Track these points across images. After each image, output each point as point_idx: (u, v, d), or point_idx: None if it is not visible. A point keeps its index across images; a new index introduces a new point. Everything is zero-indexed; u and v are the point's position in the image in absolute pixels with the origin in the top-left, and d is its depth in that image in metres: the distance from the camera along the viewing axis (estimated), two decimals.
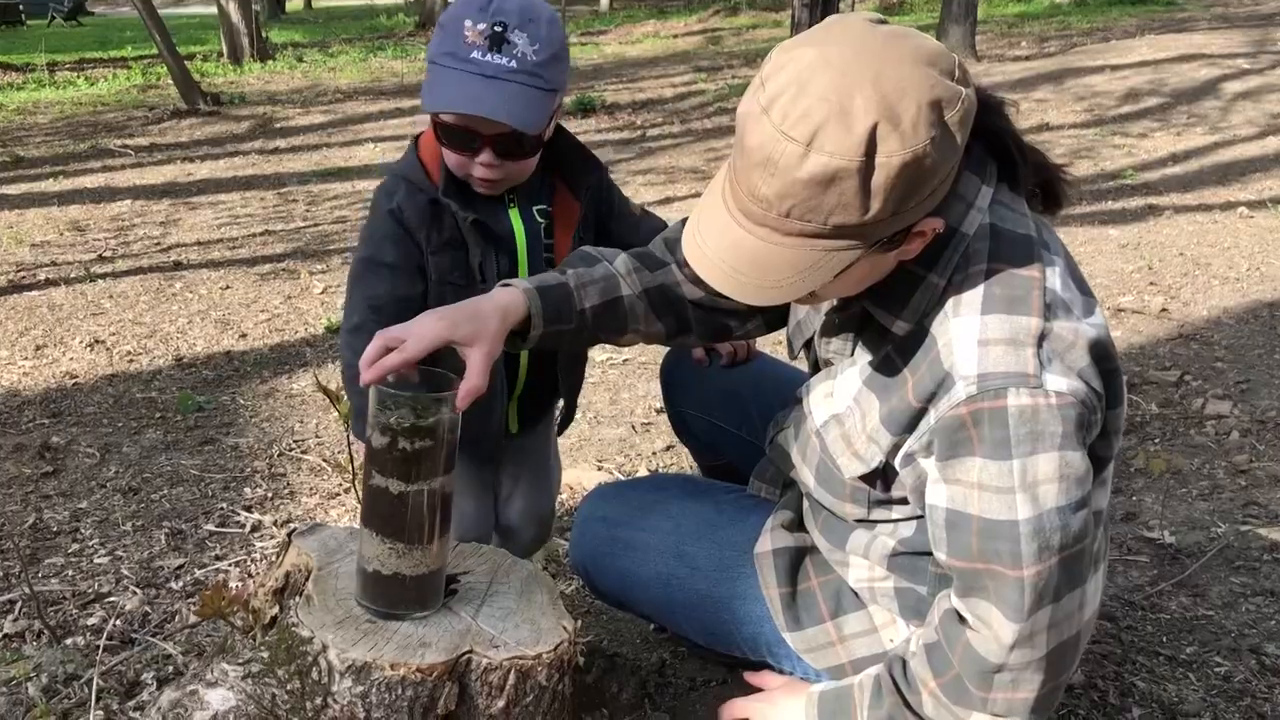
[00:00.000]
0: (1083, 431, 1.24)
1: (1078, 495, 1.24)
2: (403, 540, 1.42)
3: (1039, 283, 1.26)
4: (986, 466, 1.23)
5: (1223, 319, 4.14)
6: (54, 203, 7.32)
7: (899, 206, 1.16)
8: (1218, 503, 2.68)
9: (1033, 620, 1.26)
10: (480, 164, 1.73)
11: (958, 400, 1.24)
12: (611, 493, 1.77)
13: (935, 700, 1.35)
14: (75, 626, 2.22)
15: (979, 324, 1.25)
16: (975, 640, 1.30)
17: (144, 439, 3.39)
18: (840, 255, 1.19)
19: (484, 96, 1.63)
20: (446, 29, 1.69)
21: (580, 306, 1.57)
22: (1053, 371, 1.22)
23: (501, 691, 1.36)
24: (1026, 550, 1.23)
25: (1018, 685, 1.30)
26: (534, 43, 1.66)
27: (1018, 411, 1.21)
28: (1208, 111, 8.72)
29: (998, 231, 1.30)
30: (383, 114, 10.85)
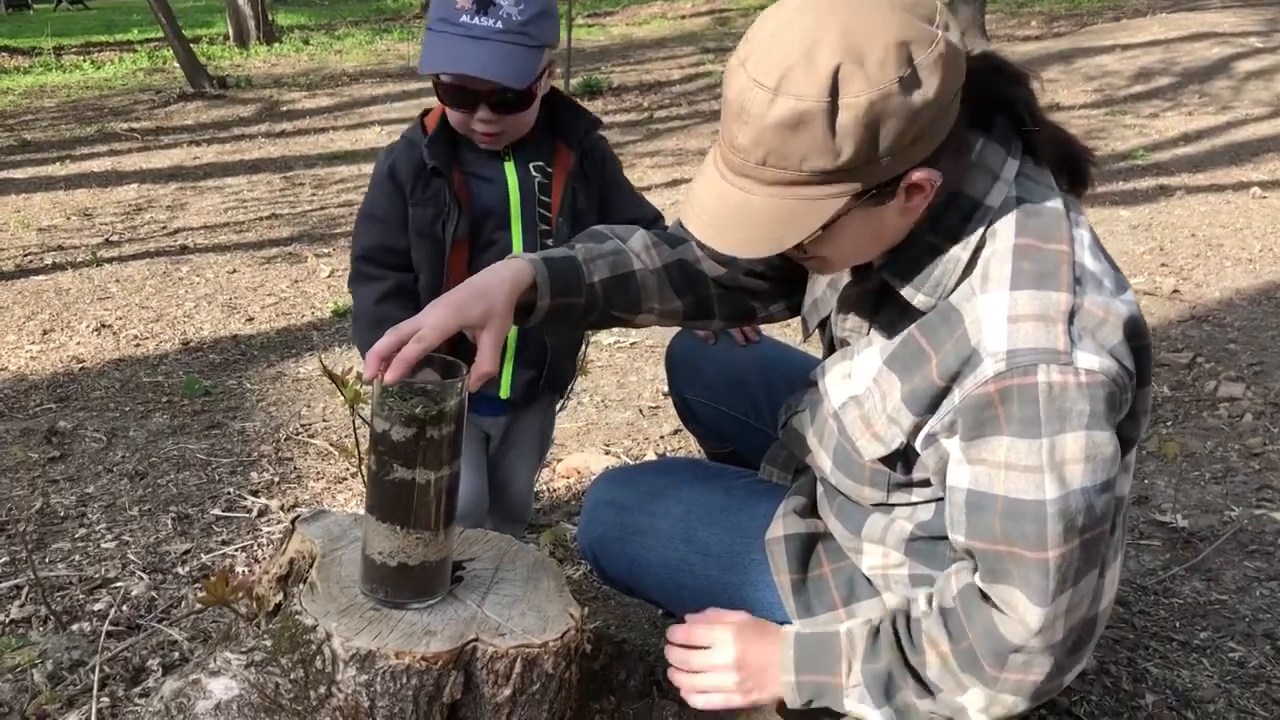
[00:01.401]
0: (1113, 411, 1.21)
1: (1104, 477, 1.22)
2: (408, 527, 1.40)
3: (1068, 257, 1.24)
4: (1015, 445, 1.21)
5: (1235, 300, 4.11)
6: (60, 187, 7.32)
7: (874, 150, 1.15)
8: (1231, 486, 2.66)
9: (1055, 604, 1.24)
10: (479, 120, 1.86)
11: (985, 377, 1.21)
12: (621, 477, 1.75)
13: (942, 664, 1.32)
14: (81, 612, 2.22)
15: (1008, 299, 1.22)
16: (1000, 621, 1.27)
17: (151, 423, 3.39)
18: (822, 204, 1.19)
19: (471, 56, 1.77)
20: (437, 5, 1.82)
21: (589, 280, 1.54)
22: (1084, 349, 1.19)
23: (508, 680, 1.35)
24: (1052, 531, 1.21)
25: (1029, 668, 1.28)
26: (519, 3, 1.78)
27: (1047, 388, 1.18)
28: (1219, 91, 8.65)
29: (1025, 204, 1.27)
30: (389, 97, 10.82)
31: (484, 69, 1.77)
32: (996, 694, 1.31)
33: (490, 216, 1.95)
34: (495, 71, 1.77)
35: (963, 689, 1.33)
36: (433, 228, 1.91)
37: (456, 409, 1.38)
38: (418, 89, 11.05)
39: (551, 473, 2.88)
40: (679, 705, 1.61)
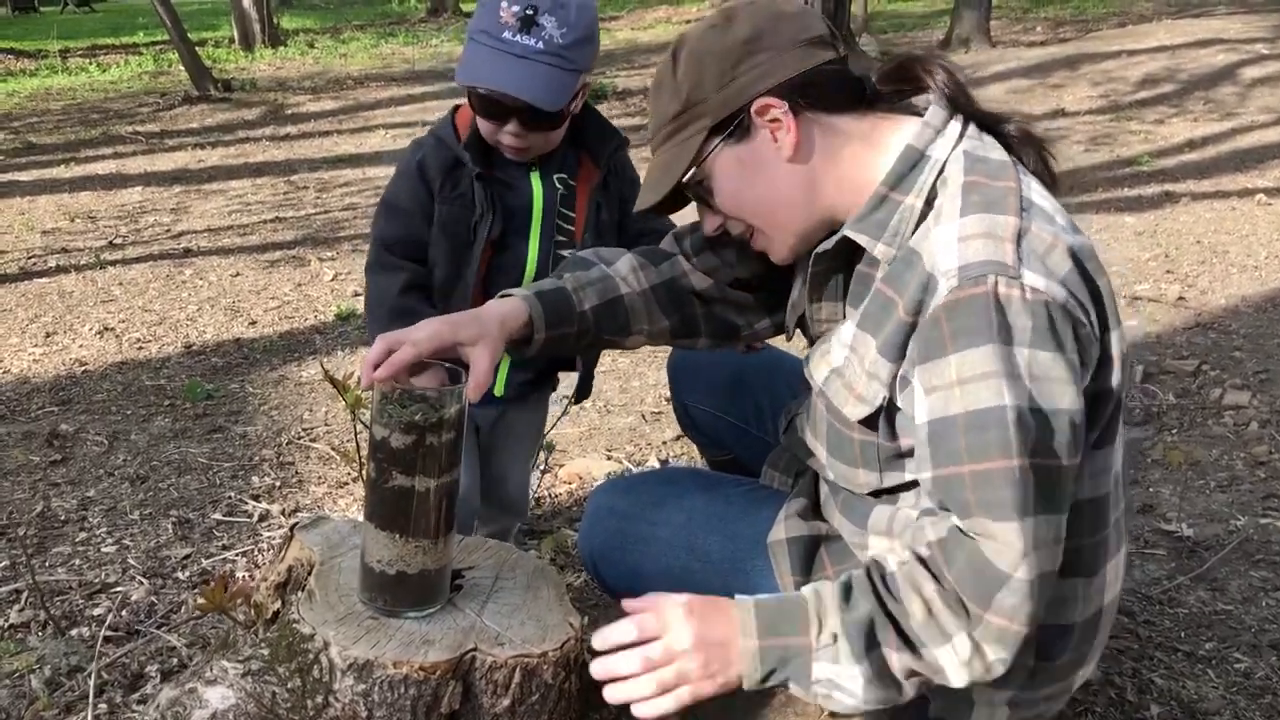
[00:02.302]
0: (1058, 336, 1.20)
1: (1058, 403, 1.19)
2: (407, 535, 1.39)
3: (1015, 190, 1.28)
4: (965, 358, 1.20)
5: (1241, 307, 4.09)
6: (65, 189, 7.33)
7: (704, 83, 1.36)
8: (1236, 495, 2.64)
9: (1035, 526, 1.19)
10: (508, 133, 1.88)
11: (941, 297, 1.23)
12: (622, 486, 1.74)
13: (927, 610, 1.24)
14: (81, 617, 2.21)
15: (958, 225, 1.26)
16: (986, 548, 1.21)
17: (152, 427, 3.38)
18: (688, 143, 1.39)
19: (510, 74, 1.80)
20: (485, 6, 1.84)
21: (580, 308, 1.61)
22: (1030, 268, 1.21)
23: (507, 690, 1.34)
24: (1016, 437, 1.18)
25: (1015, 613, 1.21)
26: (562, 26, 1.80)
27: (995, 299, 1.19)
28: (1225, 97, 8.64)
29: (971, 155, 1.33)
30: (394, 100, 10.83)
31: (520, 88, 1.79)
32: (980, 642, 1.23)
33: (512, 221, 1.97)
34: (531, 93, 1.80)
35: (946, 638, 1.24)
36: (457, 226, 1.94)
37: (456, 417, 1.37)
38: (422, 93, 11.06)
39: (554, 478, 2.87)
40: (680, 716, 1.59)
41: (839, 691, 1.28)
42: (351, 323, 4.40)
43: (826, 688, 1.28)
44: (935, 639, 1.25)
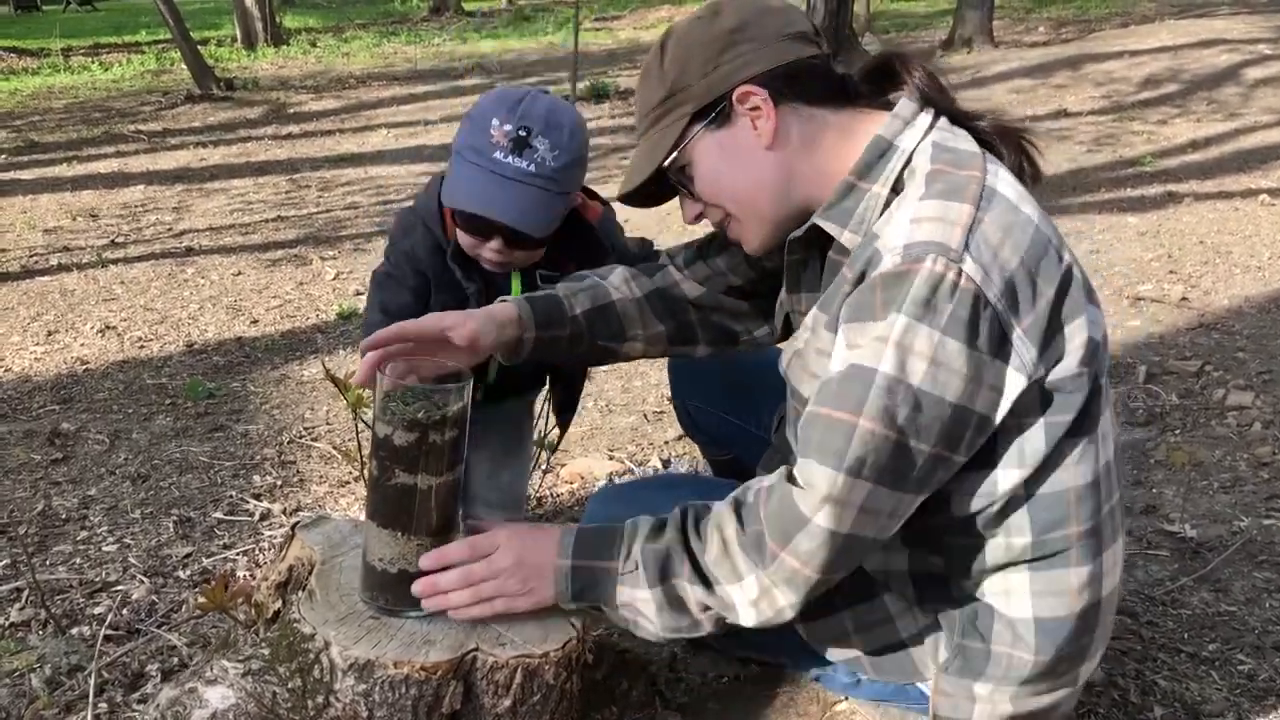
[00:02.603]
0: (974, 331, 1.22)
1: (945, 394, 1.23)
2: (409, 533, 1.39)
3: (978, 179, 1.30)
4: (879, 324, 1.24)
5: (1244, 308, 4.08)
6: (67, 188, 7.32)
7: (688, 70, 1.40)
8: (1240, 495, 2.63)
9: (851, 484, 1.25)
10: (490, 249, 1.84)
11: (881, 268, 1.26)
12: (617, 493, 1.75)
13: (723, 548, 1.33)
14: (81, 616, 2.20)
15: (916, 207, 1.29)
16: (797, 495, 1.29)
17: (154, 425, 3.37)
18: (670, 130, 1.43)
19: (498, 198, 1.75)
20: (475, 123, 1.79)
21: (572, 312, 1.66)
22: (973, 255, 1.23)
23: (508, 691, 1.33)
24: (872, 401, 1.23)
25: (811, 558, 1.29)
26: (554, 149, 1.76)
27: (926, 275, 1.22)
28: (1228, 98, 8.62)
29: (940, 146, 1.36)
30: (396, 100, 10.82)
31: (508, 214, 1.76)
32: (770, 584, 1.31)
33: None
34: (519, 219, 1.77)
35: (737, 577, 1.33)
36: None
37: (459, 414, 1.37)
38: (424, 92, 11.05)
39: (555, 478, 2.87)
40: (682, 716, 1.59)
41: (640, 617, 1.39)
42: (353, 321, 4.40)
43: (630, 612, 1.39)
44: (727, 576, 1.33)
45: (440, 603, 1.39)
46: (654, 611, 1.36)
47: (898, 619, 1.50)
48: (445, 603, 1.39)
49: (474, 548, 1.42)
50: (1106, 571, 1.41)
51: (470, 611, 1.39)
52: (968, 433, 1.27)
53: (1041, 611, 1.40)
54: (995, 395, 1.26)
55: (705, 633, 1.39)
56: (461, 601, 1.39)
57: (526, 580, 1.40)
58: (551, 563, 1.40)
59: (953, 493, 1.36)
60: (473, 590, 1.39)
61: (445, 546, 1.41)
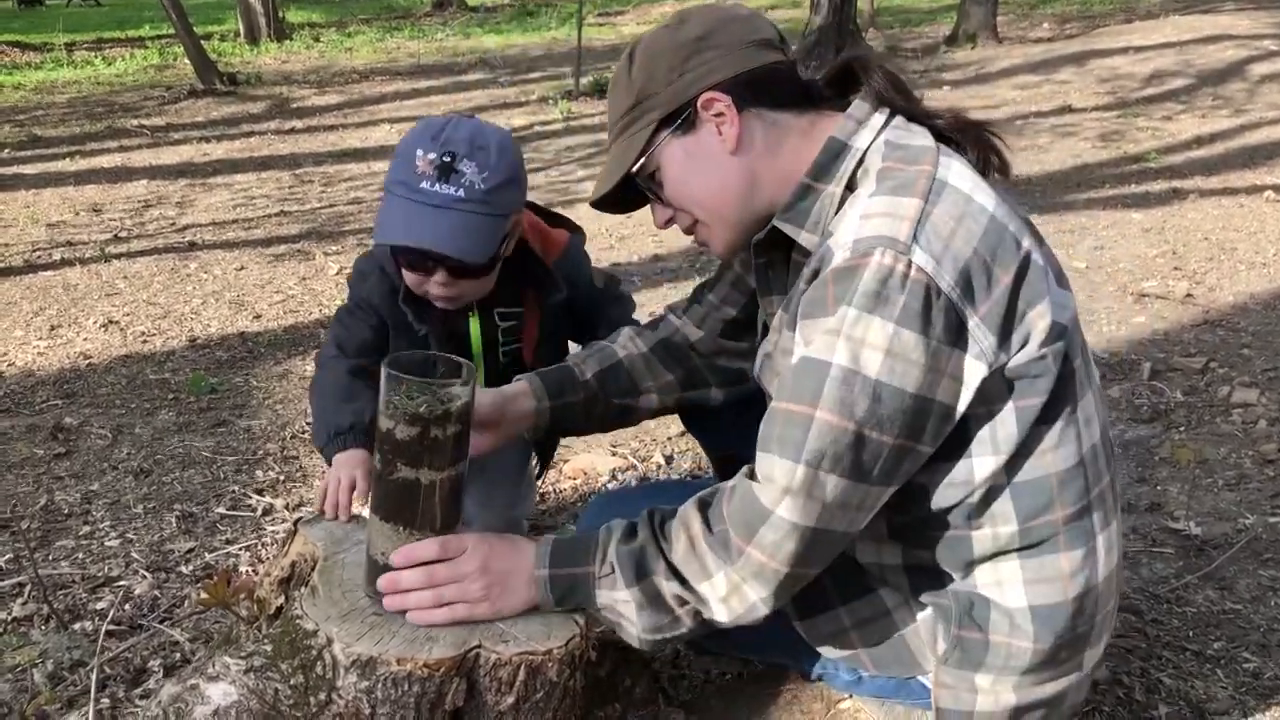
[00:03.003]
0: (930, 319, 1.23)
1: (904, 384, 1.24)
2: (412, 528, 1.38)
3: (928, 173, 1.31)
4: (830, 319, 1.26)
5: (1249, 305, 4.07)
6: (70, 182, 7.32)
7: (655, 78, 1.41)
8: (1245, 493, 2.62)
9: (812, 476, 1.26)
10: (435, 283, 1.80)
11: (832, 265, 1.28)
12: (611, 500, 1.78)
13: (690, 546, 1.35)
14: (84, 611, 2.20)
15: (865, 204, 1.31)
16: (759, 490, 1.30)
17: (156, 420, 3.37)
18: (637, 136, 1.44)
19: (429, 228, 1.69)
20: (400, 157, 1.74)
21: (583, 377, 1.73)
22: (923, 246, 1.24)
23: (511, 688, 1.33)
24: (828, 393, 1.25)
25: (777, 550, 1.30)
26: (483, 170, 1.71)
27: (876, 268, 1.23)
28: (1233, 94, 8.60)
29: (891, 143, 1.37)
30: (398, 95, 10.81)
31: (439, 242, 1.70)
32: (739, 580, 1.32)
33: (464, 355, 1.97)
34: (453, 245, 1.71)
35: (706, 574, 1.34)
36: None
37: (462, 409, 1.36)
38: (427, 87, 11.04)
39: (558, 474, 2.86)
40: (685, 713, 1.58)
41: (622, 619, 1.39)
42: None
43: (612, 614, 1.40)
44: (696, 574, 1.35)
45: (400, 603, 1.39)
46: (634, 611, 1.37)
47: (894, 612, 1.50)
48: (405, 603, 1.39)
49: (445, 547, 1.42)
50: (1101, 555, 1.40)
51: (431, 615, 1.39)
52: (930, 422, 1.28)
53: (1036, 599, 1.40)
54: (956, 385, 1.27)
55: (686, 629, 1.39)
56: (423, 603, 1.39)
57: (489, 587, 1.40)
58: (519, 574, 1.42)
59: (929, 484, 1.37)
60: (434, 592, 1.39)
61: (416, 543, 1.41)
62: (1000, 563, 1.41)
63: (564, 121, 8.99)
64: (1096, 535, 1.40)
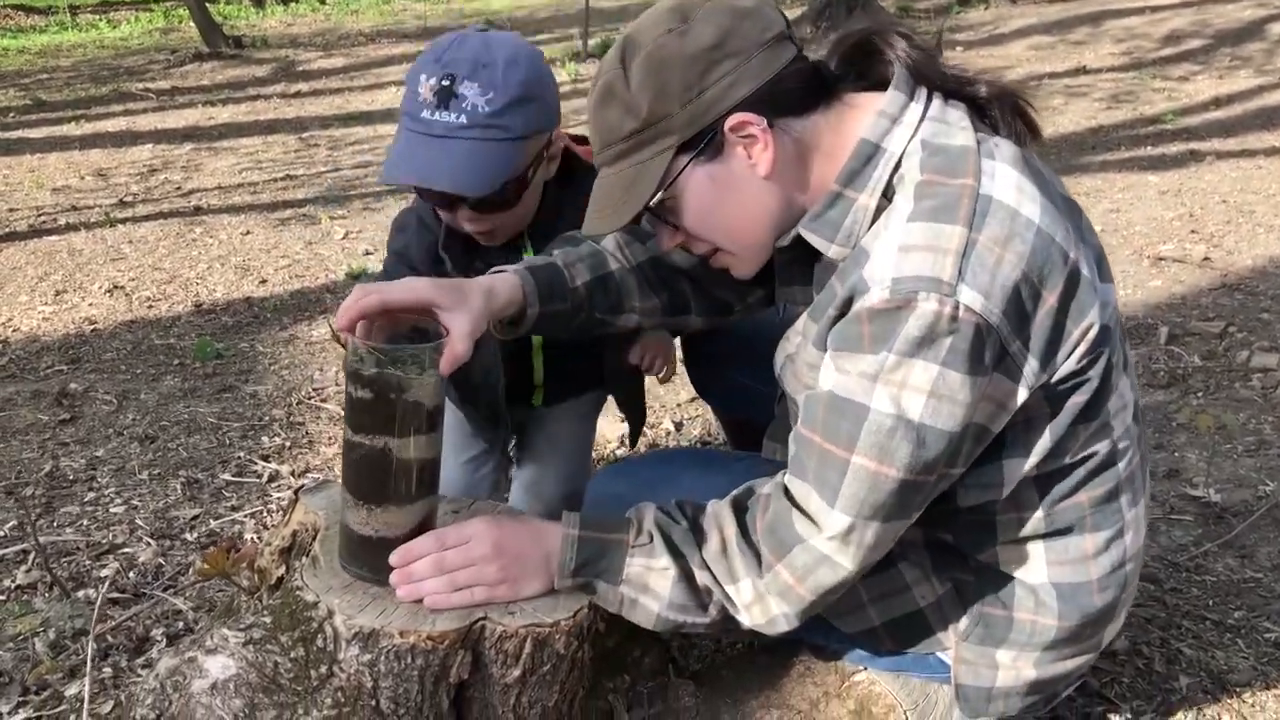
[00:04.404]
0: (978, 360, 1.17)
1: (947, 424, 1.18)
2: (369, 500, 1.32)
3: (971, 190, 1.21)
4: (867, 358, 1.19)
5: (1268, 268, 4.00)
6: (75, 147, 7.28)
7: (667, 98, 1.25)
8: (1265, 459, 2.58)
9: (853, 524, 1.22)
10: (463, 219, 1.67)
11: (869, 300, 1.20)
12: (620, 471, 1.69)
13: (722, 547, 1.31)
14: (88, 578, 2.18)
15: (904, 231, 1.21)
16: (795, 518, 1.26)
17: (162, 386, 3.35)
18: (651, 164, 1.28)
19: (427, 161, 1.55)
20: (409, 84, 1.62)
21: (573, 283, 1.56)
22: (970, 283, 1.16)
23: (517, 660, 1.30)
24: (865, 438, 1.19)
25: (806, 576, 1.27)
26: (487, 91, 1.56)
27: (920, 314, 1.16)
28: (1252, 54, 8.47)
29: (930, 145, 1.26)
30: (405, 57, 10.71)
31: (434, 177, 1.56)
32: (765, 593, 1.29)
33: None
34: (453, 180, 1.56)
35: (734, 578, 1.30)
36: None
37: (423, 376, 1.29)
38: None
39: None
40: (695, 685, 1.55)
41: (645, 595, 1.32)
42: (363, 281, 4.36)
43: (634, 589, 1.33)
44: (724, 576, 1.31)
45: (414, 591, 1.32)
46: (668, 584, 1.31)
47: (914, 587, 1.46)
48: (420, 591, 1.32)
49: (441, 540, 1.35)
50: (1128, 536, 1.38)
51: (451, 599, 1.31)
52: (967, 446, 1.23)
53: (1061, 578, 1.37)
54: (997, 409, 1.22)
55: (708, 620, 1.34)
56: (437, 589, 1.32)
57: (506, 569, 1.33)
58: (535, 554, 1.35)
59: (958, 489, 1.33)
60: (447, 578, 1.32)
61: (412, 541, 1.34)
62: (1025, 545, 1.37)
63: (572, 83, 8.89)
64: (1125, 515, 1.37)
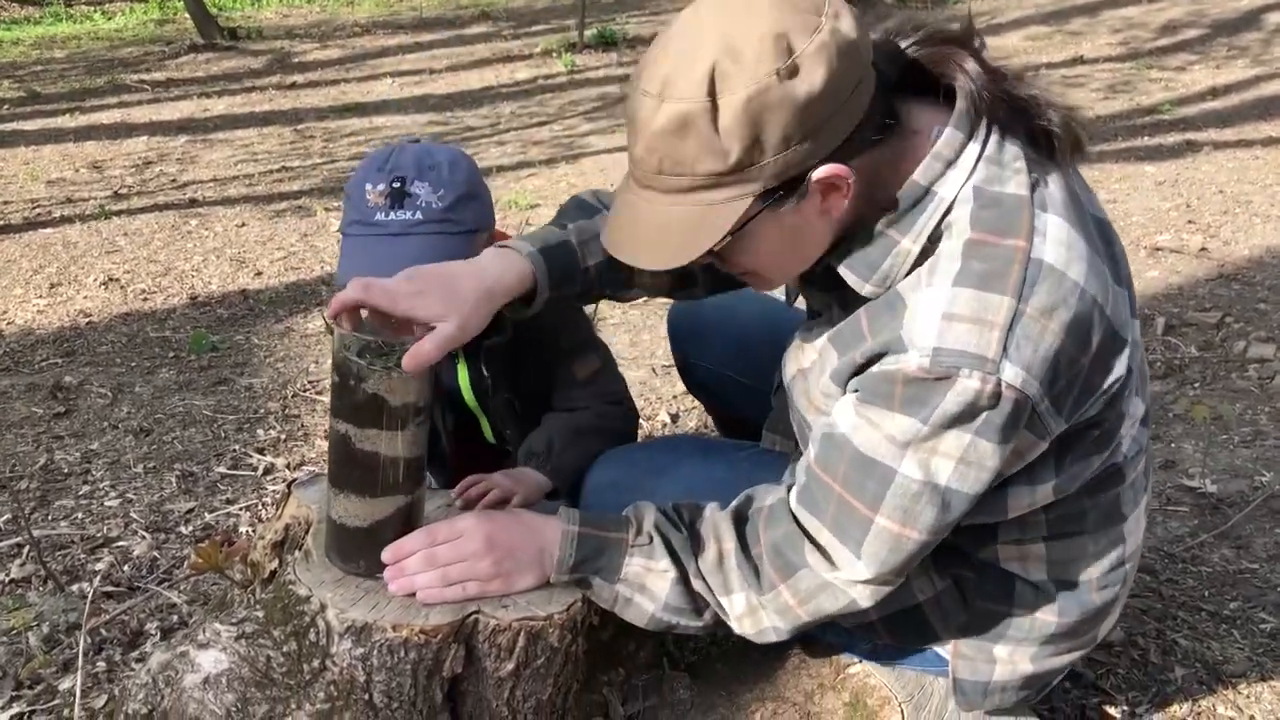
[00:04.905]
0: (1014, 429, 1.16)
1: (972, 488, 1.18)
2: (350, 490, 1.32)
3: (1023, 254, 1.15)
4: (898, 420, 1.16)
5: (1265, 258, 4.00)
6: (70, 139, 7.26)
7: (762, 147, 1.12)
8: (1261, 450, 2.58)
9: (871, 575, 1.23)
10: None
11: (905, 364, 1.16)
12: (620, 457, 1.68)
13: (718, 560, 1.30)
14: (82, 572, 2.18)
15: (949, 295, 1.15)
16: (809, 552, 1.26)
17: (157, 379, 3.34)
18: (725, 209, 1.15)
19: (389, 257, 1.56)
20: (351, 198, 1.67)
21: (584, 265, 1.51)
22: (1013, 360, 1.12)
23: (510, 654, 1.29)
24: (890, 502, 1.19)
25: (808, 600, 1.27)
26: (437, 189, 1.63)
27: (960, 390, 1.13)
28: (1249, 44, 8.45)
29: (983, 194, 1.19)
30: (401, 48, 10.68)
31: (389, 271, 1.49)
32: (759, 607, 1.30)
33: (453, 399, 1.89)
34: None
35: (728, 591, 1.30)
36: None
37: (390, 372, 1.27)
38: (429, 40, 10.91)
39: None
40: (690, 677, 1.55)
41: (641, 595, 1.32)
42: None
43: (631, 588, 1.32)
44: (718, 587, 1.30)
45: (407, 585, 1.32)
46: (667, 585, 1.31)
47: (914, 582, 1.45)
48: (413, 584, 1.32)
49: (432, 535, 1.34)
50: (1129, 535, 1.38)
51: (443, 594, 1.31)
52: (976, 500, 1.23)
53: (1062, 576, 1.37)
54: (1016, 459, 1.22)
55: (700, 624, 1.34)
56: (430, 583, 1.31)
57: (499, 563, 1.32)
58: (528, 548, 1.34)
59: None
60: (440, 572, 1.31)
61: (403, 539, 1.34)
62: (1026, 545, 1.37)
63: (568, 75, 8.87)
64: (1127, 516, 1.36)
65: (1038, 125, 1.23)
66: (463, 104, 8.22)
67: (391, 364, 1.27)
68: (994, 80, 1.21)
